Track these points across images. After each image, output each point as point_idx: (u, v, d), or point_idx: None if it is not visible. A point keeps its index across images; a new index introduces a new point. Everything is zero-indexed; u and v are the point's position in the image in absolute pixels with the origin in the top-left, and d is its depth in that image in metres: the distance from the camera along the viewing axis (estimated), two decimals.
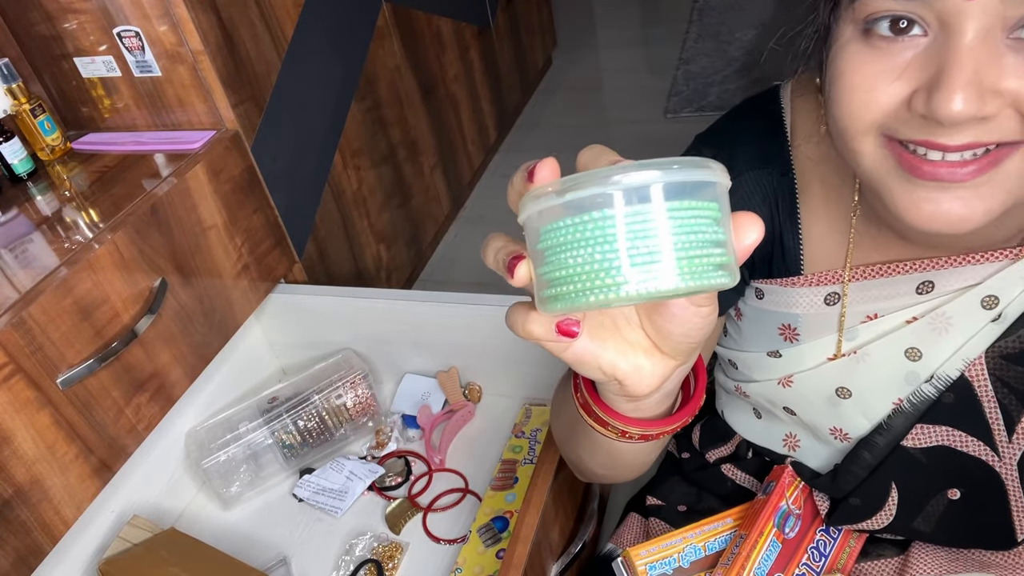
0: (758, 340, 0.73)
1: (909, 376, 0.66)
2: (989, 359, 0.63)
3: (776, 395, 0.74)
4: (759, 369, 0.73)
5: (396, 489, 1.17)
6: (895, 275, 0.63)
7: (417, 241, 1.77)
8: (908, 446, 0.68)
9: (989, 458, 0.66)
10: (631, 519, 0.98)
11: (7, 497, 0.84)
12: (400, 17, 1.62)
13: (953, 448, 0.67)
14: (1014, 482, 0.66)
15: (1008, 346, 0.62)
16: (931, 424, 0.66)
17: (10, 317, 0.83)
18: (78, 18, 1.07)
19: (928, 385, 0.65)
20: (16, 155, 1.08)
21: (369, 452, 1.23)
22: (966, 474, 0.67)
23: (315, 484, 1.18)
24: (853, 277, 0.65)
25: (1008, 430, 0.64)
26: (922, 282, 0.62)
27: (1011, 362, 0.62)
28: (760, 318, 0.72)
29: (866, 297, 0.65)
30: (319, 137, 1.38)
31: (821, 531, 0.82)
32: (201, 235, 1.08)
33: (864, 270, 0.65)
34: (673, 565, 0.82)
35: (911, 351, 0.65)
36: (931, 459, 0.68)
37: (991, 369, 0.63)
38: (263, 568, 1.07)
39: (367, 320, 1.24)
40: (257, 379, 1.33)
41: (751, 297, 0.72)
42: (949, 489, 0.69)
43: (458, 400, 1.26)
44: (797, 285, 0.68)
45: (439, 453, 1.18)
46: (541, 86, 2.55)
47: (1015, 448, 0.64)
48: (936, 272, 0.62)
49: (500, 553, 1.02)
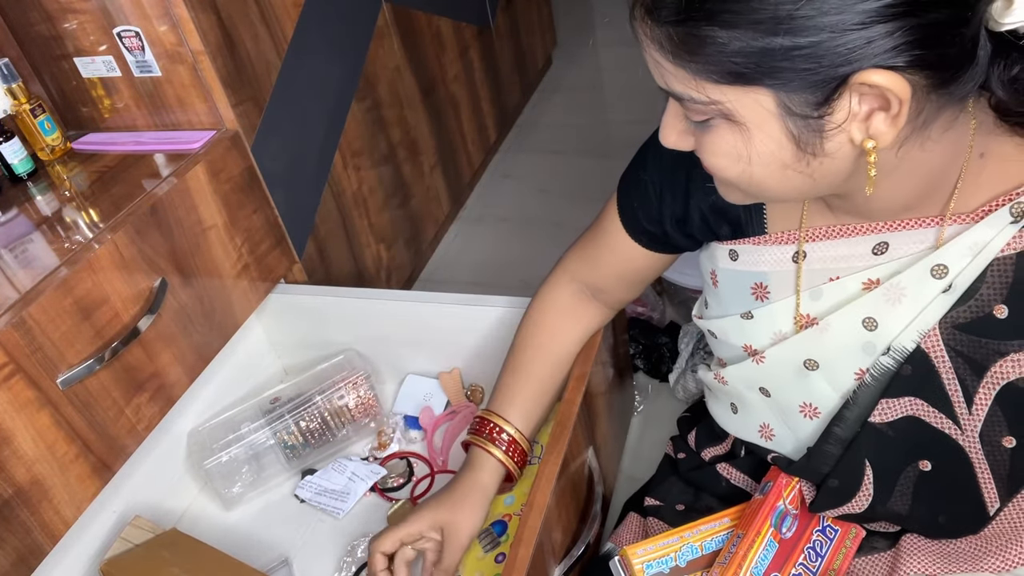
0: (733, 302, 0.78)
1: (867, 347, 0.69)
2: (943, 329, 0.66)
3: (751, 375, 0.79)
4: (735, 333, 0.78)
5: (398, 490, 1.17)
6: (852, 236, 0.68)
7: (417, 241, 1.77)
8: (875, 421, 0.71)
9: (952, 431, 0.68)
10: (630, 519, 0.98)
11: (7, 497, 0.83)
12: (400, 17, 1.62)
13: (918, 418, 0.70)
14: (978, 454, 0.68)
15: (960, 316, 0.65)
16: (894, 397, 0.69)
17: (10, 317, 0.83)
18: (78, 18, 1.07)
19: (886, 357, 0.69)
20: (16, 155, 1.08)
21: (371, 453, 1.23)
22: (933, 446, 0.70)
23: (317, 485, 1.17)
24: (814, 237, 0.70)
25: (967, 401, 0.66)
26: (877, 243, 0.67)
27: (963, 331, 0.65)
28: (734, 280, 0.77)
29: (827, 257, 0.70)
30: (319, 137, 1.37)
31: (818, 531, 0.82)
32: (201, 235, 1.08)
33: (824, 230, 0.70)
34: (670, 564, 0.82)
35: (868, 320, 0.68)
36: (898, 432, 0.71)
37: (945, 340, 0.66)
38: (265, 569, 1.07)
39: (367, 320, 1.24)
40: (258, 379, 1.33)
41: (725, 260, 0.78)
42: (920, 460, 0.72)
43: (460, 401, 1.26)
44: (766, 243, 0.74)
45: (441, 454, 1.18)
46: (541, 86, 2.55)
47: (975, 420, 0.67)
48: (889, 234, 0.66)
49: (500, 557, 1.01)
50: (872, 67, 0.50)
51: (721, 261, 0.78)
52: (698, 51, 0.53)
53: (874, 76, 0.50)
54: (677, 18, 0.52)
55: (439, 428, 1.23)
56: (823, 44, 0.49)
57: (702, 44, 0.52)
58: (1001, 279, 0.62)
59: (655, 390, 1.37)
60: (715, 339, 0.82)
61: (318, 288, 1.28)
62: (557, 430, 0.92)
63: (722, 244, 0.78)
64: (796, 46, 0.50)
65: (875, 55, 0.50)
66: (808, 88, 0.52)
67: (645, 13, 0.55)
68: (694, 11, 0.51)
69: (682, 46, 0.53)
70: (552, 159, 2.20)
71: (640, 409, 1.33)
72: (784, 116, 0.54)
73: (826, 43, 0.49)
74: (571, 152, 2.21)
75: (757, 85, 0.53)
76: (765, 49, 0.51)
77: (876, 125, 0.53)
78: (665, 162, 0.79)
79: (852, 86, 0.51)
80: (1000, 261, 0.62)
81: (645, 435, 1.29)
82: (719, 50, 0.52)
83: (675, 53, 0.54)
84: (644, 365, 1.40)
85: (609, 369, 1.10)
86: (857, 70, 0.50)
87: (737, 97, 0.54)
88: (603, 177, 0.90)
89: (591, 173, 2.03)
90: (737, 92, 0.54)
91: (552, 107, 2.45)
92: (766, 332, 0.76)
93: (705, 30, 0.52)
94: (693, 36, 0.52)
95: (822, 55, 0.50)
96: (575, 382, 0.97)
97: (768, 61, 0.51)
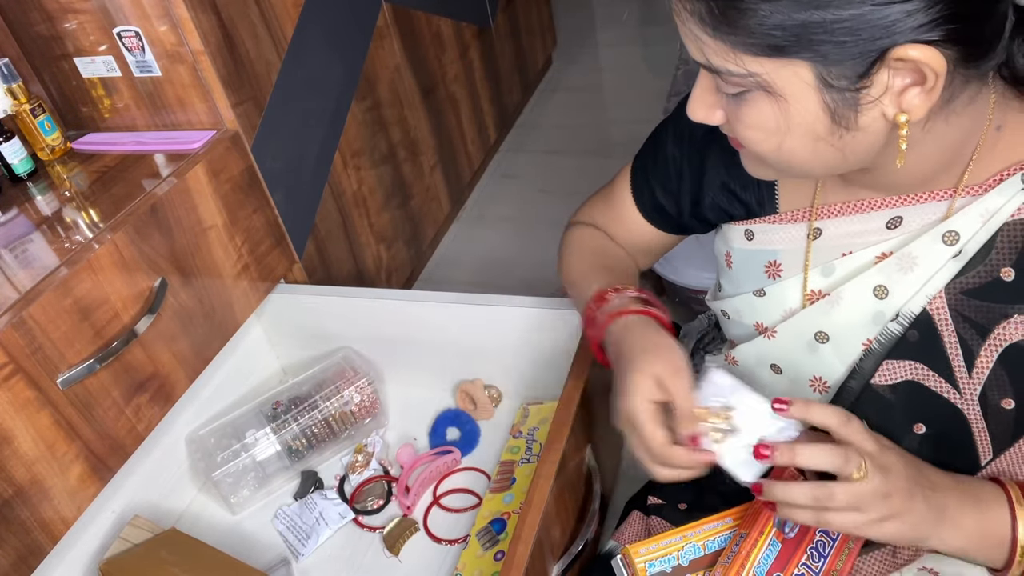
0: (746, 280, 0.79)
1: (876, 316, 0.70)
2: (949, 294, 0.66)
3: (763, 351, 0.79)
4: (747, 311, 0.79)
5: (377, 513, 1.15)
6: (866, 212, 0.69)
7: (417, 241, 1.77)
8: (875, 383, 0.72)
9: (951, 395, 0.69)
10: (633, 517, 0.98)
11: (7, 497, 0.83)
12: (400, 17, 1.62)
13: (918, 383, 0.70)
14: (976, 416, 0.69)
15: (968, 282, 0.65)
16: (896, 359, 0.70)
17: (10, 317, 0.83)
18: (78, 18, 1.07)
19: (894, 324, 0.69)
20: (16, 155, 1.08)
21: (347, 470, 1.20)
22: (931, 410, 0.70)
23: (290, 518, 1.16)
24: (828, 214, 0.71)
25: (968, 365, 0.67)
26: (891, 218, 0.67)
27: (970, 296, 0.65)
28: (749, 259, 0.78)
29: (841, 233, 0.71)
30: (319, 137, 1.37)
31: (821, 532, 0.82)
32: (201, 235, 1.08)
33: (839, 207, 0.70)
34: (672, 563, 0.82)
35: (879, 288, 0.69)
36: (898, 395, 0.71)
37: (951, 304, 0.66)
38: (264, 569, 1.07)
39: (367, 320, 1.24)
40: (257, 379, 1.33)
41: (741, 240, 0.78)
42: (915, 424, 0.72)
43: (487, 411, 1.24)
44: (780, 222, 0.74)
45: (409, 499, 1.13)
46: (541, 86, 2.55)
47: (975, 383, 0.67)
48: (904, 208, 0.67)
49: (498, 555, 1.02)
50: (910, 42, 0.51)
51: (736, 242, 0.79)
52: (739, 23, 0.54)
53: (911, 51, 0.51)
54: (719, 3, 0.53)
55: (416, 470, 1.18)
56: (863, 17, 0.50)
57: (743, 16, 0.53)
58: (1011, 243, 0.63)
59: None
60: (727, 319, 0.83)
61: (318, 288, 1.28)
62: (556, 428, 0.92)
63: (737, 225, 0.79)
64: (837, 19, 0.51)
65: (913, 28, 0.51)
66: (847, 61, 0.53)
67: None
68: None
69: (723, 18, 0.54)
70: (552, 159, 2.20)
71: None
72: (822, 88, 0.55)
73: (867, 16, 0.50)
74: (571, 152, 2.21)
75: (796, 57, 0.54)
76: (806, 22, 0.51)
77: (910, 99, 0.54)
78: (684, 141, 0.80)
79: (889, 60, 0.52)
80: (1010, 226, 0.63)
81: None
82: (760, 23, 0.53)
83: (715, 26, 0.55)
84: None
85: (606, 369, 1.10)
86: (895, 44, 0.51)
87: (775, 69, 0.55)
88: (603, 177, 0.90)
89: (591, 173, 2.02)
90: (776, 64, 0.55)
91: (552, 107, 2.45)
92: (777, 309, 0.76)
93: (747, 2, 0.52)
94: (734, 8, 0.53)
95: (862, 28, 0.51)
96: (574, 380, 0.97)
97: (808, 34, 0.52)
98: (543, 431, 1.16)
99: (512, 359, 1.21)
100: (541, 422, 1.18)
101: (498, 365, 1.23)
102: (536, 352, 1.18)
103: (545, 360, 1.19)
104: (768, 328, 0.77)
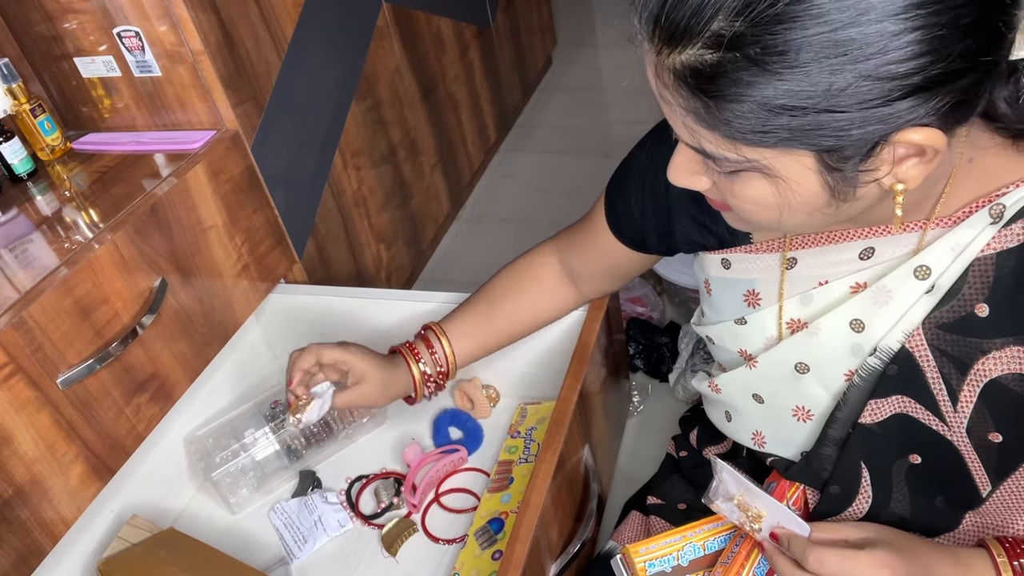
0: (727, 308, 0.79)
1: (855, 348, 0.70)
2: (927, 329, 0.67)
3: (745, 381, 0.80)
4: (729, 338, 0.80)
5: (380, 516, 1.15)
6: (839, 242, 0.69)
7: (417, 241, 1.78)
8: (866, 423, 0.72)
9: (940, 428, 0.69)
10: (632, 517, 0.99)
11: (7, 497, 0.84)
12: (400, 17, 1.62)
13: (907, 415, 0.70)
14: (967, 448, 0.69)
15: (943, 316, 0.66)
16: (882, 397, 0.70)
17: (10, 317, 0.83)
18: (78, 18, 1.07)
19: (873, 358, 0.69)
20: (16, 155, 1.08)
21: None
22: (922, 442, 0.71)
23: (288, 515, 1.16)
24: (803, 244, 0.71)
25: (952, 399, 0.67)
26: (864, 248, 0.68)
27: (947, 331, 0.66)
28: (728, 287, 0.78)
29: (816, 263, 0.71)
30: (319, 137, 1.38)
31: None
32: (201, 235, 1.08)
33: (812, 237, 0.71)
34: (672, 563, 0.82)
35: (855, 322, 0.69)
36: (888, 430, 0.72)
37: (929, 339, 0.67)
38: (262, 568, 1.07)
39: (367, 320, 1.24)
40: (257, 379, 1.33)
41: (718, 268, 0.79)
42: (910, 455, 0.73)
43: (484, 410, 1.24)
44: (756, 252, 0.75)
45: (417, 497, 1.14)
46: (541, 86, 2.55)
47: (961, 417, 0.68)
48: (875, 239, 0.67)
49: (496, 555, 1.02)
50: (912, 126, 0.51)
51: (713, 270, 0.80)
52: (737, 124, 0.52)
53: (914, 135, 0.51)
54: (716, 91, 0.51)
55: (423, 468, 1.18)
56: (868, 114, 0.50)
57: (742, 118, 0.51)
58: (982, 278, 0.63)
59: (655, 390, 1.37)
60: (713, 344, 0.84)
61: (318, 288, 1.28)
62: (553, 428, 0.92)
63: (712, 254, 0.79)
64: (838, 120, 0.50)
65: (916, 117, 0.50)
66: (849, 148, 0.52)
67: (679, 82, 0.53)
68: (734, 84, 0.50)
69: (720, 117, 0.52)
70: (552, 159, 2.20)
71: (640, 409, 1.34)
72: (823, 171, 0.54)
73: (871, 113, 0.50)
74: (571, 152, 2.21)
75: (798, 148, 0.53)
76: (810, 122, 0.50)
77: (907, 170, 0.54)
78: (648, 177, 0.80)
79: (892, 143, 0.52)
80: (981, 261, 0.63)
81: (645, 435, 1.29)
82: (762, 122, 0.51)
83: (711, 124, 0.53)
84: (644, 365, 1.40)
85: (603, 369, 1.10)
86: (897, 130, 0.51)
87: (775, 156, 0.54)
88: (603, 177, 0.90)
89: (591, 173, 2.03)
90: (776, 152, 0.53)
91: (552, 107, 2.45)
92: (758, 337, 0.77)
93: (747, 105, 0.50)
94: (732, 112, 0.51)
95: (865, 123, 0.50)
96: (571, 380, 0.97)
97: (812, 130, 0.51)
98: (541, 431, 1.16)
99: (510, 358, 1.21)
100: (539, 422, 1.18)
101: (496, 364, 1.23)
102: (534, 351, 1.18)
103: (543, 360, 1.19)
104: (752, 355, 0.78)
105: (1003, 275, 0.62)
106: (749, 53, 0.48)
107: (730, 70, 0.49)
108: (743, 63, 0.49)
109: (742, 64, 0.49)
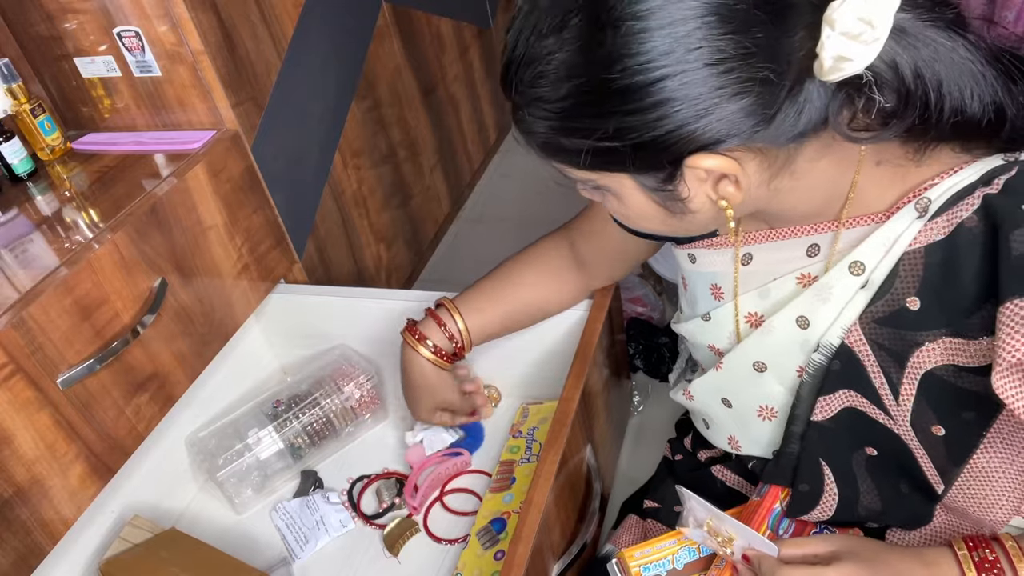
0: (698, 303, 0.83)
1: (803, 345, 0.73)
2: (864, 324, 0.69)
3: (713, 384, 0.83)
4: (699, 333, 0.84)
5: (382, 516, 1.14)
6: (787, 239, 0.72)
7: (417, 241, 1.78)
8: (818, 419, 0.75)
9: (887, 421, 0.71)
10: (629, 520, 0.99)
11: (7, 497, 0.83)
12: (400, 17, 1.62)
13: (856, 409, 0.73)
14: (914, 443, 0.71)
15: (878, 310, 0.68)
16: (829, 393, 0.73)
17: (10, 317, 0.83)
18: (78, 18, 1.07)
19: (817, 354, 0.72)
20: (16, 155, 1.08)
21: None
22: (873, 435, 0.73)
23: (290, 515, 1.15)
24: (756, 239, 0.75)
25: (893, 393, 0.69)
26: (810, 245, 0.71)
27: (882, 325, 0.68)
28: (697, 281, 0.82)
29: (770, 259, 0.74)
30: (319, 137, 1.37)
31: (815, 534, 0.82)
32: (201, 235, 1.08)
33: (764, 233, 0.74)
34: (667, 567, 0.82)
35: (801, 319, 0.72)
36: (840, 424, 0.74)
37: (867, 334, 0.69)
38: (264, 568, 1.07)
39: (367, 320, 1.24)
40: (257, 379, 1.33)
41: (687, 262, 0.83)
42: (865, 447, 0.75)
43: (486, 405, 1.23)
44: (716, 246, 0.78)
45: (418, 499, 1.13)
46: None
47: (904, 410, 0.69)
48: (819, 236, 0.70)
49: (499, 555, 1.02)
50: (697, 152, 0.57)
51: (684, 263, 0.83)
52: (561, 157, 0.63)
53: (703, 161, 0.57)
54: (537, 140, 0.63)
55: (425, 470, 1.17)
56: (656, 140, 0.57)
57: (564, 153, 0.63)
58: (912, 272, 0.65)
59: (655, 390, 1.37)
60: (688, 343, 0.87)
61: (318, 288, 1.28)
62: (556, 428, 0.92)
63: (681, 248, 0.83)
64: (633, 145, 0.57)
65: (699, 143, 0.56)
66: (652, 171, 0.60)
67: (520, 133, 0.66)
68: (550, 134, 0.61)
69: (548, 153, 0.64)
70: None
71: (640, 409, 1.33)
72: (644, 190, 0.63)
73: (658, 139, 0.56)
74: None
75: (612, 171, 0.62)
76: (610, 149, 0.59)
77: (723, 188, 0.60)
78: None
79: (685, 169, 0.59)
80: (910, 255, 0.65)
81: (645, 435, 1.29)
82: (576, 155, 0.61)
83: (546, 157, 0.65)
84: (644, 365, 1.40)
85: (605, 369, 1.10)
86: (687, 155, 0.57)
87: (601, 177, 0.63)
88: None
89: None
90: (600, 173, 0.63)
91: None
92: (722, 332, 0.80)
93: (564, 146, 0.61)
94: (555, 150, 0.63)
95: (656, 148, 0.57)
96: (573, 380, 0.97)
97: (614, 157, 0.60)
98: (543, 430, 1.16)
99: (511, 358, 1.21)
100: (541, 421, 1.18)
101: (497, 364, 1.23)
102: (535, 351, 1.18)
103: (544, 359, 1.19)
104: (721, 352, 0.82)
105: (931, 268, 0.64)
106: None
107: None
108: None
109: None
